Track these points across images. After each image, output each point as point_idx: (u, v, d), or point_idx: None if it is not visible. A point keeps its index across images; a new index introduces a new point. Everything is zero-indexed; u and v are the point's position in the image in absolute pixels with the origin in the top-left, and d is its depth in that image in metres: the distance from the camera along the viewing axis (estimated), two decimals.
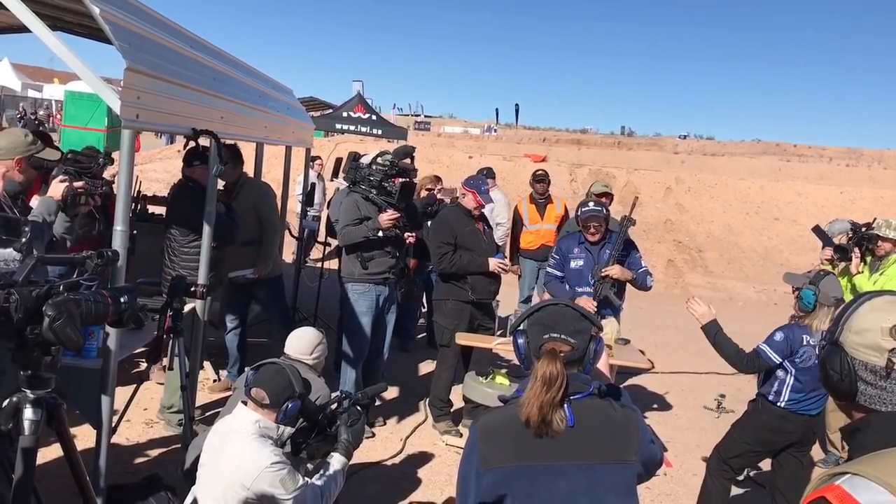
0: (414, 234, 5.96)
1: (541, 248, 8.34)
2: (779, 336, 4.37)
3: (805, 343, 4.30)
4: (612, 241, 5.70)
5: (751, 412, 4.62)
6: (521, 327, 2.36)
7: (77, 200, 3.74)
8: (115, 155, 4.68)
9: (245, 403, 3.15)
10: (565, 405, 2.13)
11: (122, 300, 1.98)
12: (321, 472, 3.22)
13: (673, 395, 7.40)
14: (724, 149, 46.87)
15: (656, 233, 16.14)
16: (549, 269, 6.09)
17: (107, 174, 4.75)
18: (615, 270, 5.58)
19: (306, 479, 3.10)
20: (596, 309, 5.48)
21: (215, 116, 4.67)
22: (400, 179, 5.67)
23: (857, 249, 6.01)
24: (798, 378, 4.33)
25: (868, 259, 6.02)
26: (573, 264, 5.76)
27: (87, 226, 5.12)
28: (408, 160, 6.58)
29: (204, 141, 4.44)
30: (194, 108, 4.32)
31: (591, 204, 5.77)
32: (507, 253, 8.59)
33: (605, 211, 5.76)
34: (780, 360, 4.34)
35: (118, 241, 3.53)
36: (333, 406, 3.41)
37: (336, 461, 3.26)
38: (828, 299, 4.23)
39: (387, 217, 5.60)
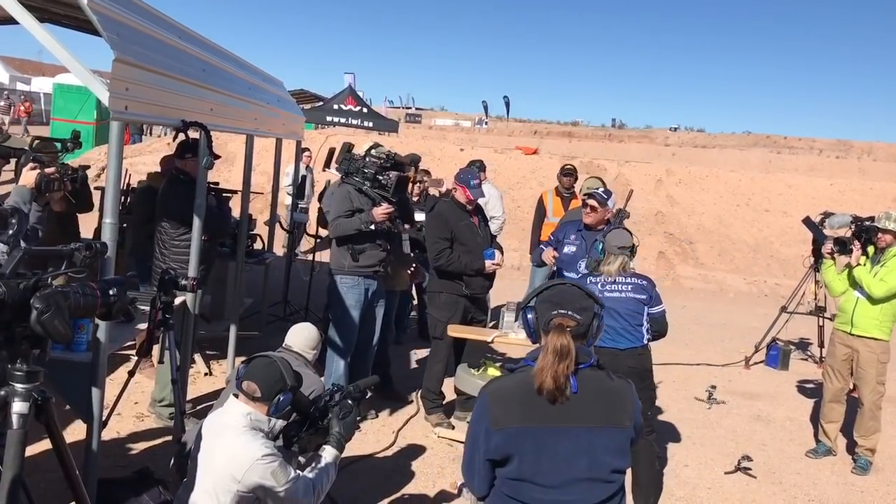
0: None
1: None
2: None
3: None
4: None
5: None
6: (531, 304, 2.52)
7: (51, 186, 3.70)
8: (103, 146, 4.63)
9: (237, 397, 3.13)
10: (572, 375, 2.35)
11: (110, 293, 1.95)
12: (313, 464, 3.21)
13: (664, 386, 7.40)
14: (714, 141, 47.07)
15: (647, 225, 16.15)
16: (540, 245, 6.30)
17: (81, 160, 4.72)
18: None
19: (298, 471, 3.09)
20: None
21: (205, 108, 4.65)
22: (394, 173, 5.65)
23: (857, 242, 6.02)
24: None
25: (869, 251, 6.03)
26: (566, 249, 5.73)
27: None
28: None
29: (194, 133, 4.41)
30: (183, 100, 4.29)
31: (600, 189, 5.79)
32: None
33: (606, 196, 5.67)
34: None
35: (107, 234, 3.51)
36: (326, 399, 3.39)
37: (328, 454, 3.25)
38: (612, 248, 4.88)
39: (381, 211, 5.57)
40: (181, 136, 4.47)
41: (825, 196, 17.57)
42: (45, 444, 2.22)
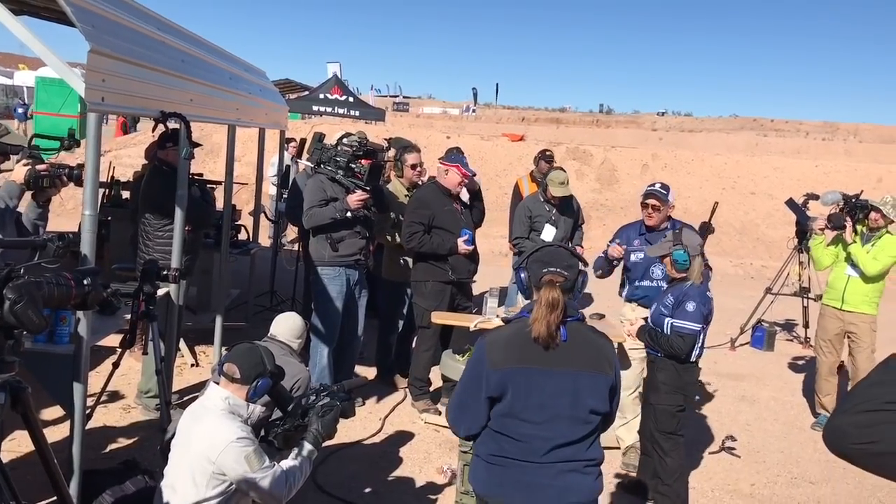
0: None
1: None
2: (691, 307, 4.34)
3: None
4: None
5: (673, 375, 4.48)
6: (524, 265, 2.85)
7: (40, 183, 3.70)
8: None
9: (217, 383, 3.16)
10: (562, 325, 2.67)
11: (85, 282, 1.96)
12: (288, 459, 3.20)
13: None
14: (701, 125, 47.17)
15: (634, 209, 16.12)
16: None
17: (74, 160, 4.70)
18: None
19: (274, 462, 3.09)
20: None
21: (184, 99, 4.63)
22: (366, 161, 5.64)
23: (849, 219, 6.13)
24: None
25: (860, 229, 6.14)
26: (632, 257, 5.31)
27: None
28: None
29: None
30: (162, 91, 4.28)
31: (657, 185, 5.29)
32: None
33: (666, 192, 5.21)
34: (701, 325, 4.38)
35: (87, 225, 3.50)
36: (311, 398, 3.40)
37: (304, 450, 3.24)
38: (695, 249, 4.44)
39: (356, 198, 5.55)
40: (161, 127, 4.46)
41: (810, 178, 17.66)
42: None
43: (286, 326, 4.25)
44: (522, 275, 2.85)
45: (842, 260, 6.26)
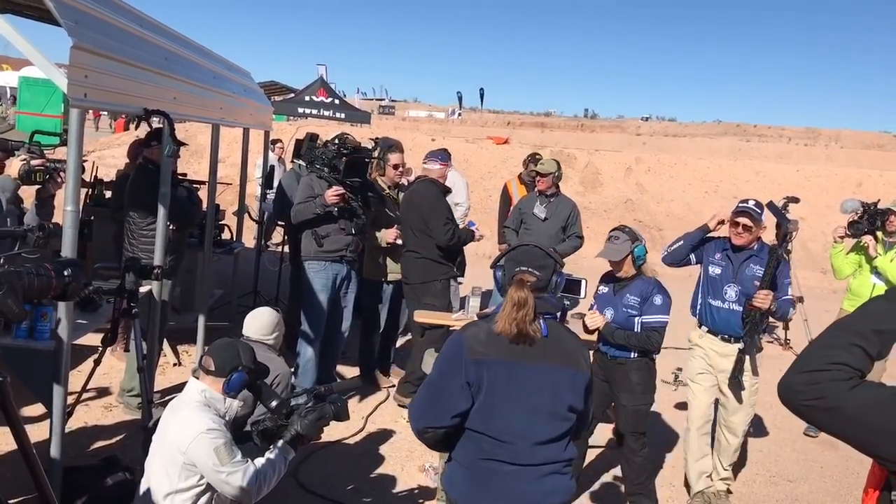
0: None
1: None
2: (658, 300, 4.45)
3: None
4: (763, 256, 4.75)
5: (646, 374, 4.59)
6: (500, 263, 2.88)
7: (33, 177, 3.70)
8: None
9: (196, 378, 3.18)
10: (540, 320, 2.69)
11: (65, 273, 1.97)
12: (263, 457, 3.19)
13: None
14: (685, 130, 47.35)
15: (617, 212, 16.28)
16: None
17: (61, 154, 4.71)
18: (763, 298, 4.53)
19: (246, 458, 3.09)
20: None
21: (167, 96, 4.64)
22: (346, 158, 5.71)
23: (869, 237, 6.11)
24: None
25: (879, 236, 6.14)
26: (711, 271, 4.92)
27: None
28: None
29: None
30: (145, 88, 4.28)
31: (751, 202, 4.83)
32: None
33: (760, 212, 4.78)
34: (668, 315, 4.49)
35: (68, 221, 3.51)
36: (301, 399, 3.40)
37: (281, 449, 3.22)
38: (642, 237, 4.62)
39: (331, 192, 5.60)
40: (145, 125, 4.47)
41: (792, 182, 17.79)
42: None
43: (256, 325, 4.18)
44: (498, 273, 2.88)
45: (865, 267, 6.24)
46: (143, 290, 4.60)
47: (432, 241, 5.91)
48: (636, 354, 4.49)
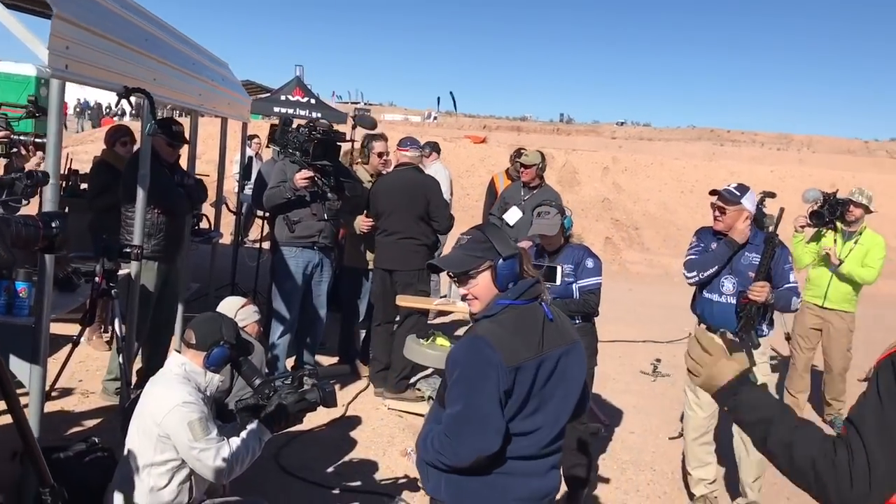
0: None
1: None
2: (590, 263, 4.54)
3: None
4: (757, 243, 4.43)
5: (591, 338, 4.62)
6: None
7: None
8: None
9: (178, 352, 3.16)
10: (543, 304, 2.56)
11: (53, 225, 1.94)
12: (237, 437, 3.12)
13: (609, 361, 7.53)
14: (660, 135, 47.73)
15: (594, 211, 16.40)
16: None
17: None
18: (759, 290, 4.21)
19: (222, 437, 3.04)
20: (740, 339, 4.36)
21: (147, 77, 4.58)
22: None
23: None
24: None
25: (839, 226, 6.19)
26: None
27: None
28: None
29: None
30: (126, 66, 4.23)
31: (732, 185, 4.50)
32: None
33: (739, 192, 4.42)
34: (601, 275, 4.62)
35: (49, 196, 3.45)
36: (286, 380, 3.36)
37: (256, 429, 3.15)
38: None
39: (300, 176, 5.56)
40: (124, 104, 4.41)
41: (766, 182, 17.95)
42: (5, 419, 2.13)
43: (224, 307, 4.05)
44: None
45: (819, 258, 6.30)
46: (122, 272, 4.56)
47: (430, 228, 5.91)
48: (580, 320, 4.46)
